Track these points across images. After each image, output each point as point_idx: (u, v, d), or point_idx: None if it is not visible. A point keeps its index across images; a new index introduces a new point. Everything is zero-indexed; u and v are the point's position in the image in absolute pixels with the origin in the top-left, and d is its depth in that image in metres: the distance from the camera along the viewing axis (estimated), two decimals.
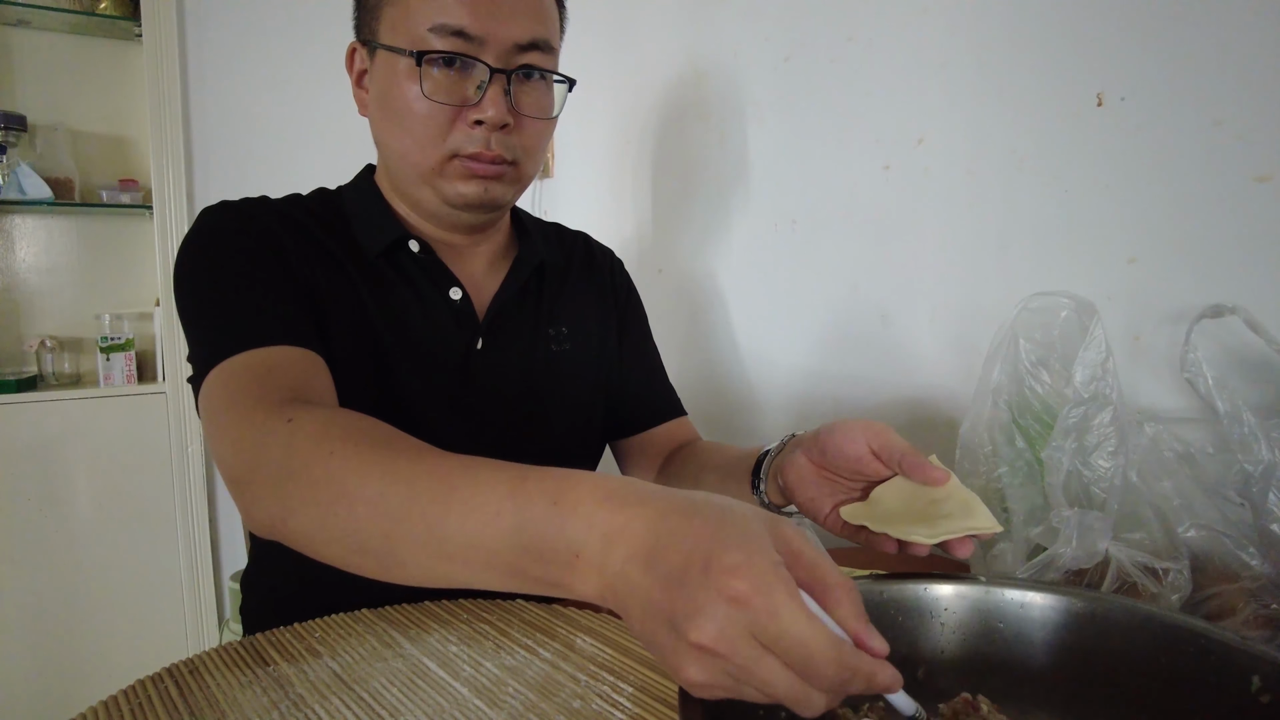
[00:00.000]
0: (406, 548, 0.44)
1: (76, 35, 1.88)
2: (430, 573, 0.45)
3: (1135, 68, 0.79)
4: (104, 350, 1.85)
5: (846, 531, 0.55)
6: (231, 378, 0.59)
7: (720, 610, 0.32)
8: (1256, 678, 0.38)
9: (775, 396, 1.27)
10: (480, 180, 0.71)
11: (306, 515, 0.48)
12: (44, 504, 1.77)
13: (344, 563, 0.48)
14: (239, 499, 0.53)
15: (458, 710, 0.49)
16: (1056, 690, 0.45)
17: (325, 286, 0.71)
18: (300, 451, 0.49)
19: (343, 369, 0.69)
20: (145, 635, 1.86)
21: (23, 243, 1.89)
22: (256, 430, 0.53)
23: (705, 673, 0.33)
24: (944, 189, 0.99)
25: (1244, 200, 0.72)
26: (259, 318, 0.63)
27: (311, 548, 0.49)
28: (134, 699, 0.51)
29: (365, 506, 0.45)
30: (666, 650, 0.35)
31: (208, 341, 0.63)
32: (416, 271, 0.76)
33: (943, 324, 1.01)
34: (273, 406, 0.54)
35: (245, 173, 1.96)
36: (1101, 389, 0.65)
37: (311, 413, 0.53)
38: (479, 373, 0.77)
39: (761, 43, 1.24)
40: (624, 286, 0.95)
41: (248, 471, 0.52)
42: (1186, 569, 0.58)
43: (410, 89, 0.68)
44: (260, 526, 0.52)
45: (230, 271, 0.66)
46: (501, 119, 0.68)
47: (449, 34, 0.66)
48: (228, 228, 0.69)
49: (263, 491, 0.51)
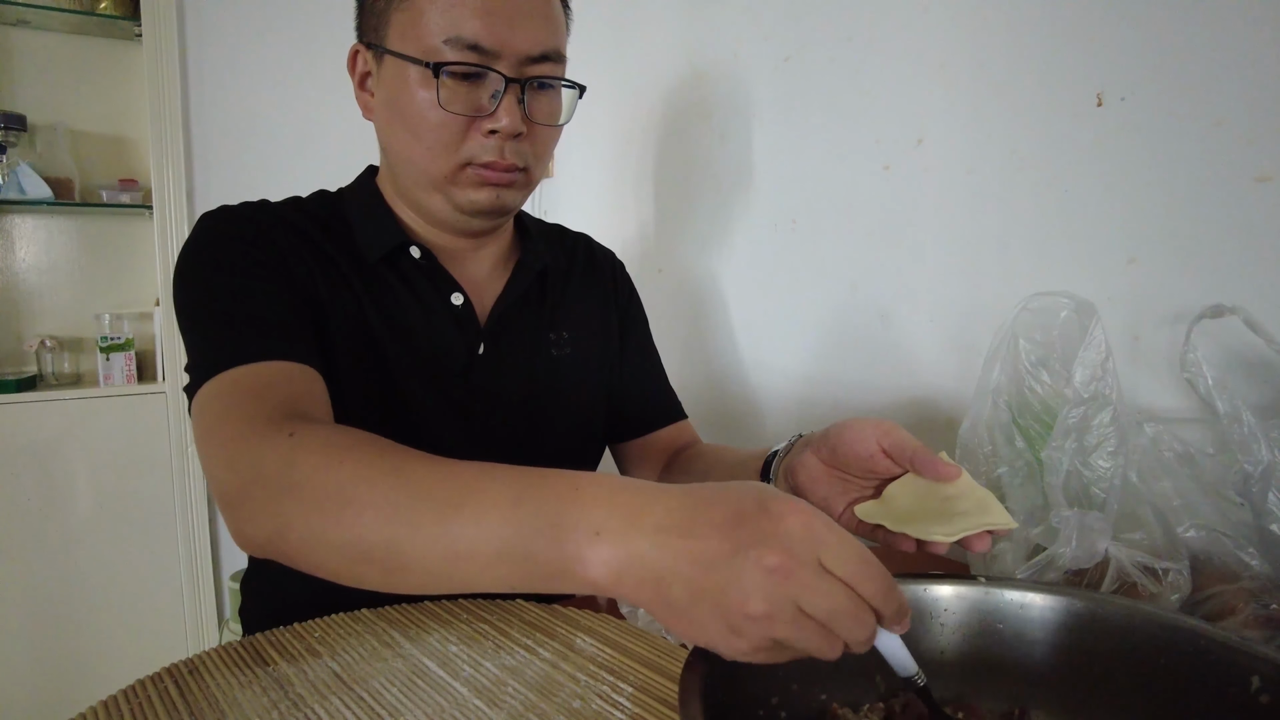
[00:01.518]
0: (413, 551, 0.44)
1: (76, 35, 1.88)
2: (435, 577, 0.44)
3: (1135, 68, 0.79)
4: (104, 350, 1.85)
5: (863, 530, 0.56)
6: (225, 393, 0.58)
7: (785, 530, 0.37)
8: (1256, 678, 0.38)
9: (775, 396, 1.27)
10: (493, 188, 0.71)
11: (307, 526, 0.47)
12: (44, 504, 1.77)
13: (345, 573, 0.47)
14: (232, 518, 0.52)
15: (457, 710, 0.49)
16: (1056, 691, 0.45)
17: (325, 293, 0.70)
18: (303, 464, 0.49)
19: (344, 375, 0.69)
20: (145, 635, 1.86)
21: (22, 242, 1.89)
22: (253, 446, 0.52)
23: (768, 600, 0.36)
24: (944, 189, 0.99)
25: (1244, 201, 0.72)
26: (255, 331, 0.62)
27: (310, 560, 0.48)
28: (134, 699, 0.51)
29: (373, 511, 0.45)
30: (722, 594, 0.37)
31: (203, 354, 0.62)
32: (418, 277, 0.76)
33: (943, 324, 1.01)
34: (271, 422, 0.53)
35: (245, 172, 1.96)
36: (1101, 389, 0.65)
37: (313, 427, 0.52)
38: (481, 378, 0.77)
39: (761, 43, 1.24)
40: (625, 289, 0.94)
41: (243, 488, 0.51)
42: (1186, 569, 0.58)
43: (423, 97, 0.67)
44: (254, 543, 0.51)
45: (228, 282, 0.66)
46: (516, 128, 0.68)
47: (464, 47, 0.66)
48: (226, 235, 0.69)
49: (258, 507, 0.50)
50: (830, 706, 0.44)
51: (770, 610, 0.36)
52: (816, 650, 0.37)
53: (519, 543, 0.42)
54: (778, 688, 0.43)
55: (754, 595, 0.36)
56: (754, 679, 0.41)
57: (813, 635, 0.37)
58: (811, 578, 0.36)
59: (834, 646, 0.38)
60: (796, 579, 0.36)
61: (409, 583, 0.46)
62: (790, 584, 0.36)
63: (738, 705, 0.40)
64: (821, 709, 0.44)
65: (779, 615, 0.36)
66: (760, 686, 0.42)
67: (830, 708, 0.44)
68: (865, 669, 0.46)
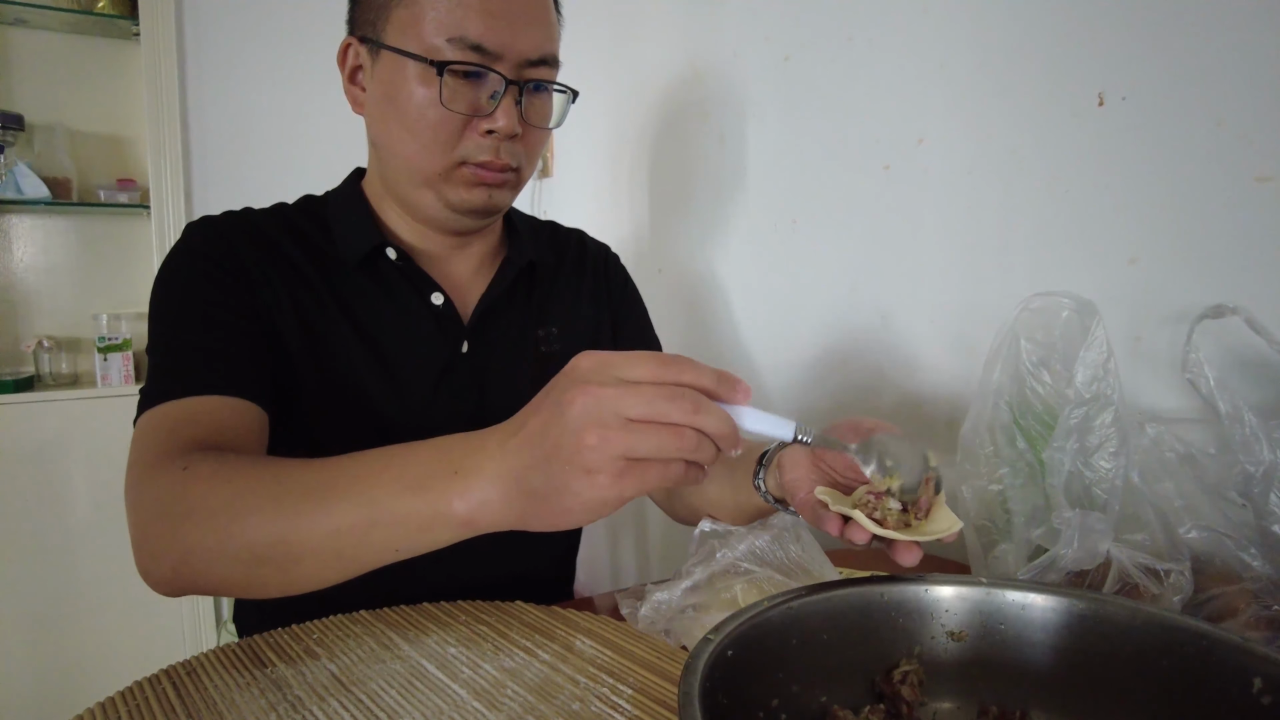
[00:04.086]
0: (299, 540, 0.48)
1: (74, 34, 1.88)
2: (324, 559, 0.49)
3: (1136, 68, 0.79)
4: (101, 350, 1.85)
5: (815, 515, 0.54)
6: (147, 433, 0.60)
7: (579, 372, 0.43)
8: (1258, 679, 0.38)
9: (774, 396, 1.27)
10: (485, 187, 0.72)
11: (204, 545, 0.50)
12: (41, 504, 1.77)
13: (247, 581, 0.51)
14: (139, 559, 0.54)
15: (456, 712, 0.49)
16: (1057, 692, 0.45)
17: (288, 305, 0.71)
18: (194, 491, 0.52)
19: (324, 386, 0.70)
20: (143, 636, 1.86)
21: (20, 242, 1.89)
22: (151, 485, 0.55)
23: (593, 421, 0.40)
24: (944, 189, 0.99)
25: (1245, 201, 0.72)
26: (195, 365, 0.64)
27: (214, 577, 0.52)
28: (131, 700, 0.51)
29: (258, 515, 0.49)
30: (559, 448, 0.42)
31: (145, 387, 0.64)
32: (396, 279, 0.76)
33: (943, 324, 1.00)
34: (170, 459, 0.55)
35: (243, 172, 1.96)
36: (1103, 390, 0.65)
37: (206, 457, 0.55)
38: (466, 375, 0.77)
39: (761, 43, 1.24)
40: (618, 281, 0.94)
41: (144, 525, 0.54)
42: (1188, 570, 0.58)
43: (422, 94, 0.67)
44: (163, 580, 0.54)
45: (181, 313, 0.67)
46: (513, 129, 0.69)
47: (467, 46, 0.66)
48: (197, 253, 0.70)
49: (161, 543, 0.52)
50: (831, 709, 0.44)
51: (601, 430, 0.40)
52: (678, 449, 0.41)
53: (389, 504, 0.47)
54: (778, 689, 0.43)
55: (581, 428, 0.41)
56: (755, 681, 0.41)
57: (656, 436, 0.41)
58: (617, 389, 0.41)
59: (689, 441, 0.41)
60: (605, 396, 0.41)
61: (305, 573, 0.50)
62: (603, 401, 0.41)
63: (738, 707, 0.39)
64: (822, 711, 0.44)
65: (611, 428, 0.40)
66: (761, 688, 0.42)
67: (831, 710, 0.44)
68: (865, 670, 0.46)
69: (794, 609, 0.44)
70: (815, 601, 0.45)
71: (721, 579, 0.63)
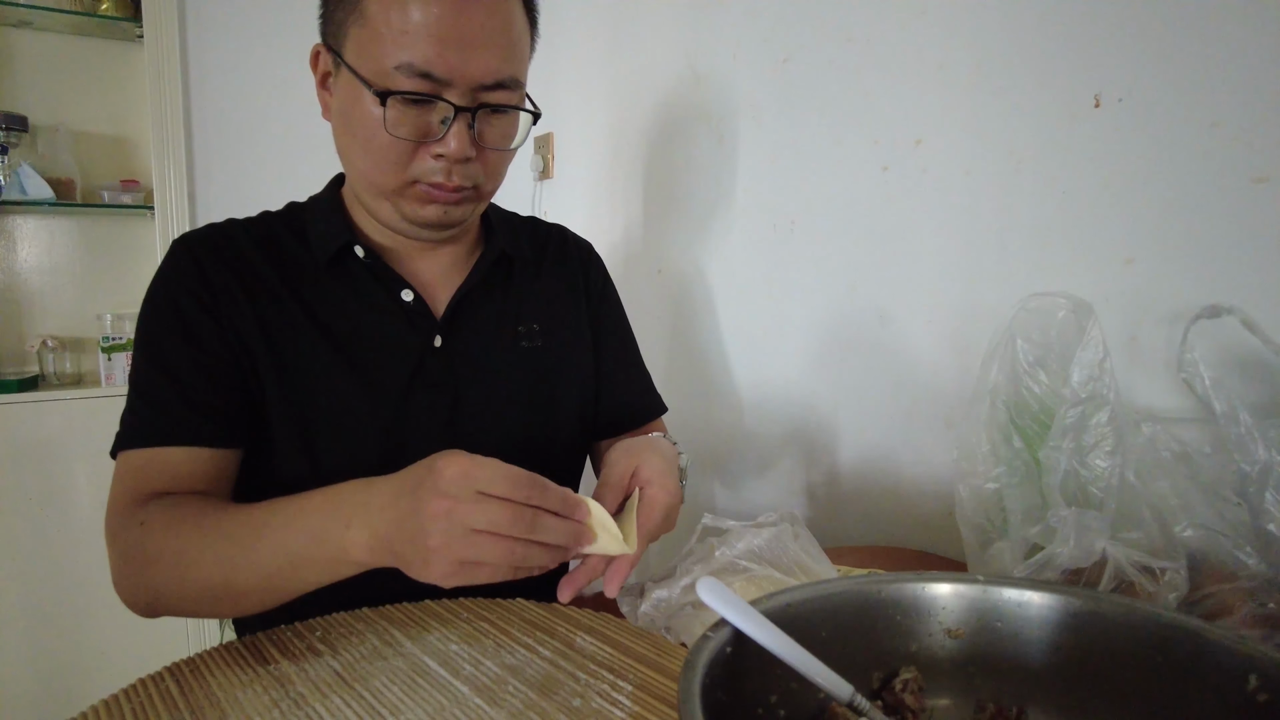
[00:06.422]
0: (241, 581, 0.59)
1: (78, 36, 1.88)
2: (265, 594, 0.60)
3: (1133, 69, 0.79)
4: (105, 350, 1.86)
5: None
6: (120, 478, 0.68)
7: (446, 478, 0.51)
8: (1253, 677, 0.38)
9: (773, 397, 1.27)
10: (440, 205, 0.71)
11: (169, 587, 0.61)
12: (45, 503, 1.77)
13: (211, 611, 0.63)
14: (120, 595, 0.65)
15: (458, 709, 0.50)
16: (1054, 689, 0.45)
17: (258, 322, 0.72)
18: (152, 543, 0.62)
19: (294, 393, 0.72)
20: (146, 634, 1.86)
21: (24, 243, 1.90)
22: (120, 533, 0.65)
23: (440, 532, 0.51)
24: (942, 190, 0.99)
25: (1241, 201, 0.72)
26: (160, 413, 0.69)
27: (183, 609, 0.63)
28: (135, 698, 0.51)
29: (201, 566, 0.60)
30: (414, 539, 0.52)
31: (122, 426, 0.70)
32: (365, 278, 0.76)
33: (940, 324, 1.01)
34: (132, 511, 0.65)
35: (246, 173, 1.96)
36: (1099, 389, 0.65)
37: (160, 507, 0.64)
38: (438, 369, 0.77)
39: (760, 44, 1.24)
40: (598, 279, 0.93)
41: (119, 567, 0.65)
42: (1184, 568, 0.58)
43: (374, 115, 0.66)
44: (142, 612, 0.65)
45: (159, 351, 0.71)
46: (463, 154, 0.68)
47: (416, 74, 0.65)
48: (171, 282, 0.73)
49: (133, 584, 0.64)
50: (829, 705, 0.44)
51: (446, 538, 0.50)
52: (508, 559, 0.51)
53: (302, 550, 0.57)
54: (777, 686, 0.43)
55: (430, 532, 0.51)
56: (753, 677, 0.42)
57: (491, 546, 0.51)
58: (469, 504, 0.50)
59: (518, 552, 0.51)
60: (456, 511, 0.50)
61: (253, 603, 0.61)
62: (454, 514, 0.50)
63: (737, 703, 0.40)
64: (820, 707, 0.44)
65: (454, 537, 0.50)
66: (760, 684, 0.42)
67: (829, 706, 0.44)
68: (864, 668, 0.46)
69: (792, 606, 0.44)
70: (813, 599, 0.45)
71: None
